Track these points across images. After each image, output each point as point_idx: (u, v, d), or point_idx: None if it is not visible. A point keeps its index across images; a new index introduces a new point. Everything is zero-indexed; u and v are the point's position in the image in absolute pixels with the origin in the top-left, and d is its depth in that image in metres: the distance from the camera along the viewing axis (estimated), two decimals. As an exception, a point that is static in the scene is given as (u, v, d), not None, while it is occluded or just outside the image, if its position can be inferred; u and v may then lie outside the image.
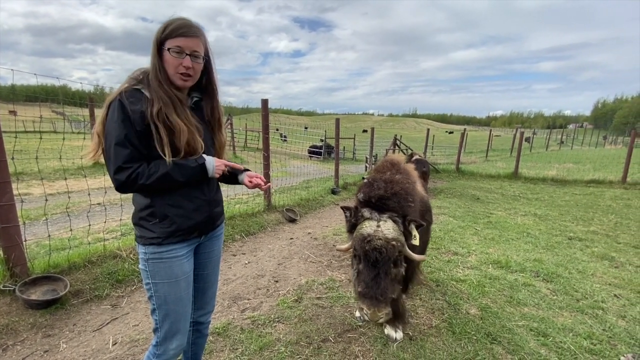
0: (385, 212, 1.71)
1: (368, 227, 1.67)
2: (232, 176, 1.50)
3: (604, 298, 2.93)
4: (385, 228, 1.65)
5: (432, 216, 2.52)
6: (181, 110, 1.24)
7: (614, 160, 13.93)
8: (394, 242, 1.62)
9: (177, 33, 1.19)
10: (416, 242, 1.72)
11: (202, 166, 1.30)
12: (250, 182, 1.46)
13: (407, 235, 1.72)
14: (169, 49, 1.19)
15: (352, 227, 1.78)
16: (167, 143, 1.20)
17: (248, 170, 1.52)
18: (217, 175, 1.36)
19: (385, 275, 1.62)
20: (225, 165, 1.39)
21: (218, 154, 1.44)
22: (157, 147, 1.20)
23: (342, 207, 1.87)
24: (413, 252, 1.76)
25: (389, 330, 2.33)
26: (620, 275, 3.44)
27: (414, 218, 1.73)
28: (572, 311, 2.72)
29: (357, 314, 2.54)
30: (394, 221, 1.69)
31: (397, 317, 2.27)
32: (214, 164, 1.33)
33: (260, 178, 1.47)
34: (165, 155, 1.20)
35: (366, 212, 1.73)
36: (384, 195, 1.74)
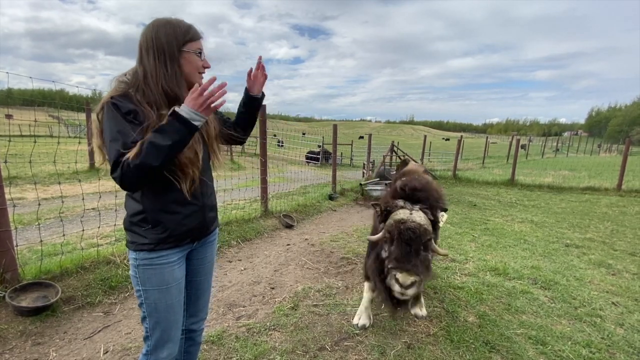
0: (417, 203, 1.93)
1: (402, 213, 1.87)
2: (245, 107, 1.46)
3: (601, 306, 2.92)
4: (417, 216, 1.86)
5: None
6: None
7: (609, 168, 14.04)
8: (425, 226, 1.82)
9: (198, 36, 1.25)
10: (442, 223, 1.97)
11: (177, 116, 1.07)
12: (254, 78, 1.41)
13: (435, 225, 1.92)
14: (193, 52, 1.23)
15: (385, 217, 1.95)
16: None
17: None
18: (206, 117, 1.11)
19: (416, 253, 1.78)
20: (204, 100, 1.07)
21: (209, 145, 1.38)
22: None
23: (372, 204, 2.09)
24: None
25: (415, 310, 2.64)
26: (618, 282, 3.44)
27: (439, 205, 1.98)
28: (571, 319, 2.70)
29: (356, 320, 2.55)
30: (424, 212, 1.90)
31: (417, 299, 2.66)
32: (187, 107, 1.08)
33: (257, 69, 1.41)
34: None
35: (400, 202, 1.95)
36: (417, 187, 1.98)
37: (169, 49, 1.17)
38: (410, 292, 1.75)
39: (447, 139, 58.65)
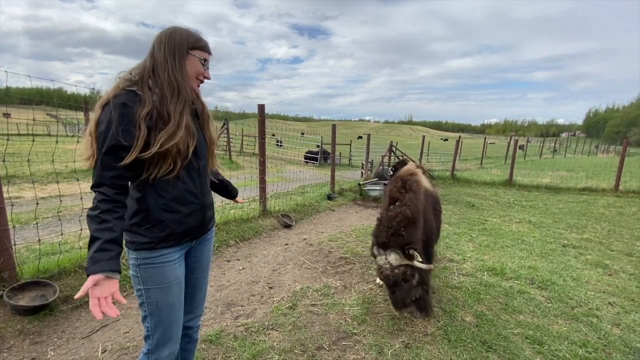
0: (388, 248, 2.30)
1: (378, 260, 2.34)
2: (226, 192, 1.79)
3: (598, 306, 2.94)
4: (391, 259, 2.27)
5: (441, 206, 3.11)
6: (187, 110, 1.27)
7: (606, 169, 14.10)
8: (397, 270, 2.24)
9: (208, 49, 1.36)
10: (419, 261, 2.22)
11: (92, 264, 1.11)
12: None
13: (412, 257, 2.23)
14: (198, 57, 1.31)
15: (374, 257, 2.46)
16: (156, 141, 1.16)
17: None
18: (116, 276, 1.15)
19: (398, 290, 2.28)
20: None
21: (209, 151, 1.42)
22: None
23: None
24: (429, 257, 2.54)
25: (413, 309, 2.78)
26: (614, 282, 3.46)
27: (412, 246, 2.24)
28: (567, 319, 2.72)
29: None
30: (396, 253, 2.27)
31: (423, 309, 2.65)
32: (91, 278, 1.14)
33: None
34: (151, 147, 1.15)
35: (375, 250, 2.40)
36: (385, 241, 2.32)
37: (179, 46, 1.27)
38: (406, 315, 2.50)
39: (446, 139, 58.75)
